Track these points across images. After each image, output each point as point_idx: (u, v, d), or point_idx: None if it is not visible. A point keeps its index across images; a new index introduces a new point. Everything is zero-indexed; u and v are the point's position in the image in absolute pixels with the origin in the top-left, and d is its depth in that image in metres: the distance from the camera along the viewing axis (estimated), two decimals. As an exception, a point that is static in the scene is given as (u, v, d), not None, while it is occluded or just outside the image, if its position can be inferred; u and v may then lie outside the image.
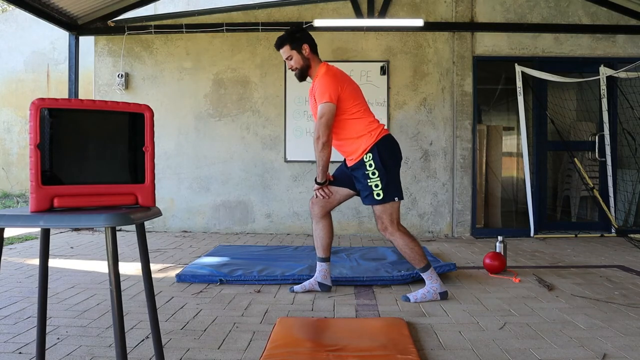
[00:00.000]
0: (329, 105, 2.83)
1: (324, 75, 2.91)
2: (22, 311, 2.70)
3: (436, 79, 5.59)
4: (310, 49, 2.99)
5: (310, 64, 3.00)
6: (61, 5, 5.08)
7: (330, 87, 2.84)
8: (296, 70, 3.01)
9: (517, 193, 6.85)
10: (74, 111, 1.41)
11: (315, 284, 3.10)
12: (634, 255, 4.40)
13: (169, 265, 3.89)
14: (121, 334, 1.34)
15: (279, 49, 3.01)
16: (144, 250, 1.62)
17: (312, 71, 3.02)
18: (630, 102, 5.55)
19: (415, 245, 2.90)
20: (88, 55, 6.10)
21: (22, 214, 1.33)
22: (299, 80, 3.08)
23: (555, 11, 5.59)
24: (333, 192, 3.05)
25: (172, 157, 5.67)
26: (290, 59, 2.98)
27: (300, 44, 2.96)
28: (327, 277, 3.10)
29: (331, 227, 3.09)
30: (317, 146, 2.87)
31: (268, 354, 2.05)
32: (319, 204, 3.05)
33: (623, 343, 2.26)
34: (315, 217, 3.07)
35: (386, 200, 2.85)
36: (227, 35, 5.64)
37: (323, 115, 2.83)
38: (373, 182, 2.85)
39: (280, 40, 2.99)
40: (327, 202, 3.04)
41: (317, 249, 3.10)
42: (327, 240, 3.07)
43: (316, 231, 3.08)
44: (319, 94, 2.87)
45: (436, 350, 2.19)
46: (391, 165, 2.89)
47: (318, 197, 3.03)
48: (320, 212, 3.05)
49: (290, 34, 2.99)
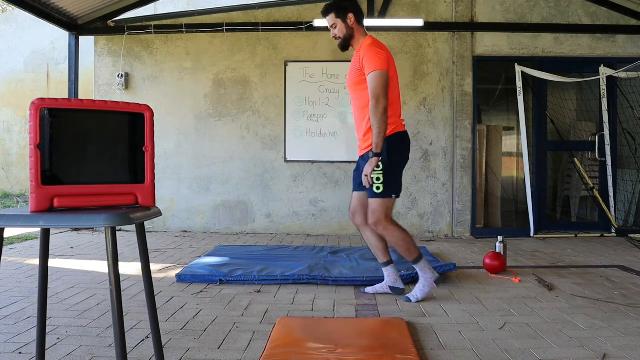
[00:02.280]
0: (382, 72, 2.76)
1: (374, 45, 2.85)
2: (22, 311, 2.70)
3: (436, 79, 5.59)
4: (356, 19, 2.92)
5: (354, 34, 2.93)
6: (61, 5, 5.08)
7: (382, 56, 2.79)
8: (339, 39, 2.96)
9: (517, 193, 6.85)
10: (74, 111, 1.41)
11: (386, 288, 3.08)
12: (634, 255, 4.40)
13: (169, 265, 3.89)
14: (121, 334, 1.34)
15: (324, 16, 2.96)
16: (144, 250, 1.62)
17: (354, 41, 2.95)
18: (630, 102, 5.55)
19: (406, 237, 2.87)
20: (88, 55, 6.10)
21: (22, 214, 1.33)
22: (341, 50, 3.02)
23: (555, 11, 5.59)
24: (362, 197, 3.00)
25: (172, 157, 5.67)
26: (335, 27, 2.94)
27: (346, 13, 2.90)
28: (397, 280, 3.06)
29: (379, 234, 3.03)
30: (375, 111, 2.76)
31: (268, 354, 2.05)
32: (359, 213, 3.01)
33: (623, 343, 2.26)
34: (361, 226, 3.03)
35: (384, 195, 2.83)
36: (227, 35, 5.64)
37: (376, 82, 2.75)
38: (375, 175, 2.82)
39: (327, 7, 2.95)
40: (363, 208, 2.99)
41: (376, 255, 3.07)
42: (382, 244, 3.03)
43: (368, 240, 3.04)
44: (369, 62, 2.78)
45: (436, 350, 2.19)
46: (398, 161, 2.87)
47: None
48: (364, 220, 3.00)
49: (337, 2, 2.93)
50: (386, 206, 2.85)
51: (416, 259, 2.91)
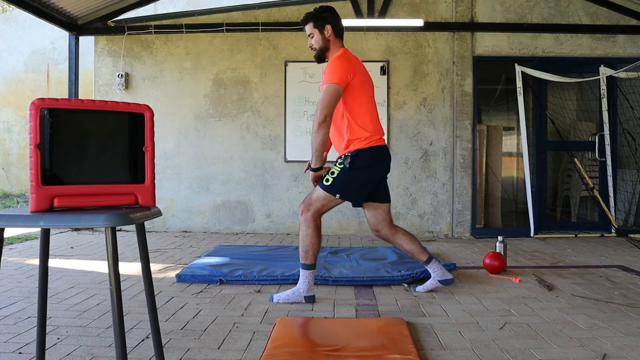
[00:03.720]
0: (335, 86, 2.72)
1: (339, 57, 2.83)
2: (22, 311, 2.70)
3: (436, 79, 5.59)
4: (334, 32, 2.89)
5: (330, 46, 2.90)
6: (61, 5, 5.08)
7: (341, 70, 2.76)
8: (315, 50, 2.94)
9: (517, 193, 6.84)
10: (74, 111, 1.41)
11: (436, 283, 3.10)
12: (634, 255, 4.40)
13: (169, 265, 3.89)
14: (121, 334, 1.34)
15: (303, 25, 2.95)
16: (144, 250, 1.62)
17: (329, 54, 2.92)
18: (630, 102, 5.55)
19: (315, 243, 2.84)
20: (88, 55, 6.10)
21: (22, 214, 1.33)
22: (316, 61, 3.00)
23: (555, 11, 5.59)
24: (377, 207, 2.99)
25: (172, 157, 5.67)
26: (312, 37, 2.92)
27: (324, 24, 2.88)
28: (444, 272, 3.09)
29: (409, 234, 3.04)
30: (314, 124, 2.75)
31: (268, 354, 2.05)
32: (381, 225, 2.98)
33: (623, 343, 2.26)
34: (390, 237, 3.01)
35: (328, 190, 2.81)
36: (227, 35, 5.64)
37: (325, 95, 2.73)
38: (331, 169, 2.84)
39: (306, 16, 2.93)
40: (383, 219, 2.98)
41: (415, 258, 3.06)
42: (414, 245, 3.01)
43: (401, 246, 3.02)
44: (328, 74, 2.77)
45: (436, 350, 2.19)
46: (357, 176, 2.82)
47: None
48: (390, 230, 2.99)
49: (317, 12, 2.91)
50: (324, 202, 2.83)
51: (307, 266, 2.87)
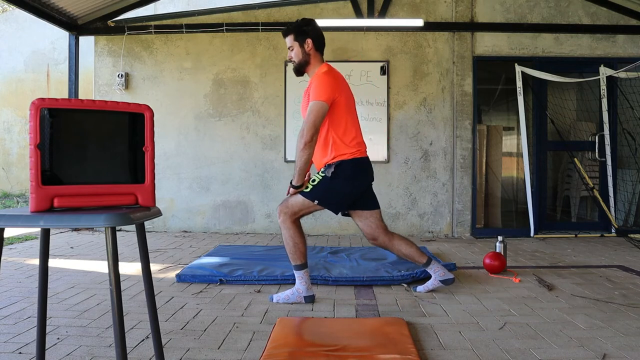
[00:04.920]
0: (322, 104, 2.71)
1: (325, 74, 2.81)
2: (22, 311, 2.70)
3: (436, 79, 5.59)
4: (314, 46, 2.88)
5: (310, 60, 2.88)
6: (61, 5, 5.08)
7: (328, 87, 2.75)
8: (294, 63, 2.92)
9: (517, 193, 6.84)
10: (74, 111, 1.41)
11: (437, 283, 3.10)
12: (634, 255, 4.40)
13: (169, 265, 3.89)
14: (121, 334, 1.34)
15: (284, 36, 2.93)
16: (144, 250, 1.62)
17: (310, 68, 2.90)
18: (630, 102, 5.55)
19: (300, 243, 2.85)
20: (88, 55, 6.10)
21: (22, 214, 1.33)
22: (295, 75, 2.98)
23: (555, 11, 5.59)
24: (368, 216, 2.99)
25: (172, 157, 5.67)
26: (292, 49, 2.90)
27: (305, 38, 2.86)
28: (446, 272, 3.10)
29: (405, 238, 3.04)
30: (300, 141, 2.73)
31: (268, 354, 2.05)
32: (377, 233, 2.98)
33: (623, 343, 2.26)
34: (388, 243, 3.00)
35: (307, 195, 2.82)
36: (227, 35, 5.64)
37: (312, 113, 2.70)
38: (312, 177, 2.88)
39: (287, 28, 2.91)
40: (377, 226, 2.97)
41: (415, 261, 3.06)
42: (412, 248, 3.02)
43: (399, 251, 3.02)
44: (314, 91, 2.74)
45: (436, 350, 2.19)
46: (339, 187, 2.82)
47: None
48: (386, 236, 2.99)
49: (297, 25, 2.89)
50: (303, 207, 2.84)
51: (298, 266, 2.89)
